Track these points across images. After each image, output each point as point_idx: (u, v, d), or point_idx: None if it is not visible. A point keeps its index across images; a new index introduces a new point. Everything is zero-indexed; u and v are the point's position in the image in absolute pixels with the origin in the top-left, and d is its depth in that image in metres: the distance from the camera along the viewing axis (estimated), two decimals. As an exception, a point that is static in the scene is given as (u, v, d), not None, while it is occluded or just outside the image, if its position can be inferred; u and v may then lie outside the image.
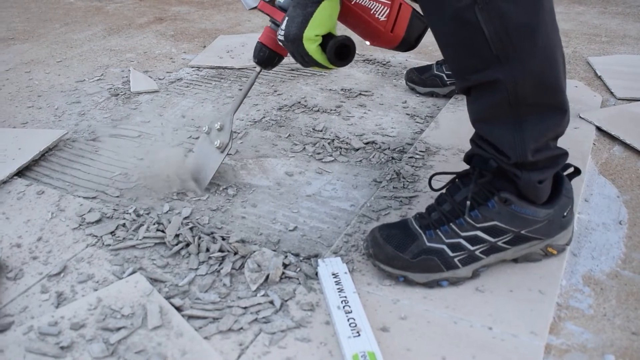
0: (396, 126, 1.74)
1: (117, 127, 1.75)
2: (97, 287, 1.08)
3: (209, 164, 1.39)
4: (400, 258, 1.06)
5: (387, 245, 1.07)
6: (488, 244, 1.07)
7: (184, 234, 1.20)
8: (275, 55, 1.28)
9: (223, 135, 1.38)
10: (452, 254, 1.06)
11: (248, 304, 1.03)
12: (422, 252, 1.06)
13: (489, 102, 0.98)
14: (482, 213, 1.05)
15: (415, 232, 1.08)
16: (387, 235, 1.08)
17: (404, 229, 1.09)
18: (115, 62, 2.30)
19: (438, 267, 1.06)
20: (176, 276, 1.11)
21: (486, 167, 1.06)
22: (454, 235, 1.06)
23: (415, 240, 1.07)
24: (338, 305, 1.01)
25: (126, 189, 1.40)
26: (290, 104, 1.88)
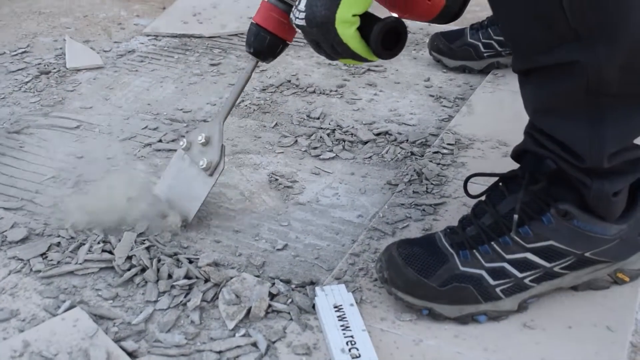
0: (416, 111, 1.74)
1: (48, 116, 1.75)
2: (23, 326, 1.08)
3: (192, 192, 1.33)
4: (425, 285, 1.06)
5: (408, 268, 1.07)
6: (541, 269, 1.07)
7: (138, 255, 1.20)
8: (279, 43, 1.25)
9: (210, 152, 1.31)
10: (493, 282, 1.06)
11: (224, 347, 1.03)
12: (453, 278, 1.06)
13: (560, 89, 0.98)
14: (534, 230, 1.05)
15: (444, 252, 1.08)
16: (407, 254, 1.08)
17: (429, 248, 1.09)
18: (45, 29, 2.29)
19: (474, 297, 1.06)
20: (128, 311, 1.11)
21: (540, 170, 1.06)
22: (496, 258, 1.06)
23: (445, 263, 1.07)
24: (342, 348, 1.01)
25: (61, 197, 1.40)
26: (277, 83, 1.89)
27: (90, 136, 1.65)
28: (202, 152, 1.32)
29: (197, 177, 1.32)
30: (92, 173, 1.49)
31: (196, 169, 1.32)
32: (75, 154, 1.57)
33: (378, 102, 1.79)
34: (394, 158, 1.53)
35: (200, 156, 1.32)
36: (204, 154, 1.32)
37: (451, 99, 1.81)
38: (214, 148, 1.31)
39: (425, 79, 1.92)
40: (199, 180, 1.32)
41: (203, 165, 1.30)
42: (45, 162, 1.54)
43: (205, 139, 1.32)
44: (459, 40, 1.94)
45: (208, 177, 1.31)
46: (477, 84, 1.88)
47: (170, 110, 1.76)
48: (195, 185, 1.32)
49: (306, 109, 1.75)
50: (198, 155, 1.33)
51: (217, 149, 1.31)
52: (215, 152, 1.30)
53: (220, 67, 2.01)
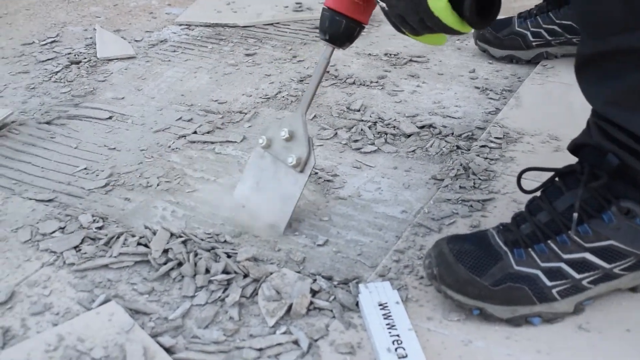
0: (462, 104, 1.73)
1: (79, 106, 1.76)
2: (57, 320, 1.09)
3: (282, 192, 1.30)
4: (477, 284, 1.05)
5: (459, 266, 1.06)
6: (600, 271, 1.05)
7: (174, 249, 1.21)
8: (355, 26, 1.22)
9: (297, 147, 1.28)
10: (550, 283, 1.05)
11: (264, 345, 1.03)
12: (507, 277, 1.05)
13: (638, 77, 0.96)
14: (594, 229, 1.04)
15: (498, 250, 1.07)
16: (459, 251, 1.07)
17: (482, 245, 1.08)
18: (75, 19, 2.32)
19: (528, 298, 1.05)
20: (165, 306, 1.11)
21: (601, 165, 1.05)
22: (553, 258, 1.05)
23: (499, 261, 1.06)
24: (388, 347, 1.00)
25: (94, 189, 1.41)
26: (315, 73, 1.88)
27: (123, 127, 1.66)
28: (288, 148, 1.30)
29: (285, 175, 1.30)
30: (125, 165, 1.50)
31: (283, 167, 1.30)
32: (107, 145, 1.58)
33: (421, 94, 1.79)
34: (439, 152, 1.52)
35: (286, 153, 1.29)
36: (289, 150, 1.29)
37: (498, 91, 1.79)
38: (301, 142, 1.28)
39: (470, 70, 1.91)
40: (288, 179, 1.30)
41: (292, 162, 1.27)
42: (77, 153, 1.56)
43: (289, 134, 1.29)
44: (506, 29, 1.92)
45: (299, 174, 1.28)
46: (524, 75, 1.86)
47: (205, 101, 1.77)
48: (285, 185, 1.30)
49: (346, 101, 1.75)
50: (283, 152, 1.30)
51: (304, 143, 1.27)
52: (302, 146, 1.28)
53: (256, 57, 2.01)
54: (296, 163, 1.27)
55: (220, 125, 1.64)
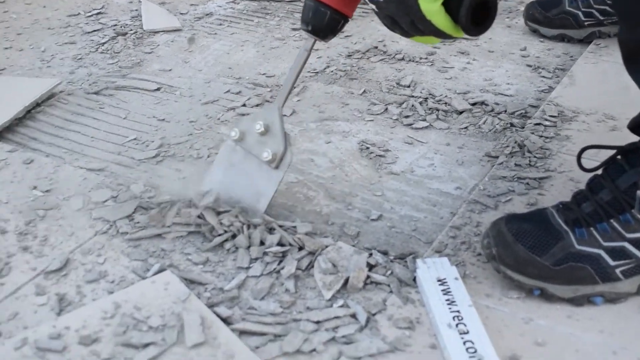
0: (513, 82, 1.71)
1: (127, 77, 1.76)
2: (112, 288, 1.09)
3: (255, 188, 1.24)
4: (538, 264, 1.03)
5: (519, 245, 1.04)
6: None
7: (227, 220, 1.20)
8: (339, 19, 1.16)
9: (272, 142, 1.22)
10: (613, 263, 1.03)
11: (322, 318, 1.02)
12: (568, 257, 1.03)
13: None
14: None
15: (558, 229, 1.05)
16: (518, 230, 1.05)
17: (542, 224, 1.06)
18: (120, -9, 2.32)
19: (591, 278, 1.03)
20: (220, 277, 1.11)
21: None
22: (616, 237, 1.03)
23: (560, 241, 1.04)
24: (449, 323, 0.99)
25: (145, 160, 1.41)
26: (363, 49, 1.87)
27: (171, 99, 1.65)
28: (262, 143, 1.24)
29: (258, 171, 1.24)
30: (175, 136, 1.49)
31: (256, 162, 1.24)
32: (156, 116, 1.58)
33: (471, 70, 1.76)
34: (492, 129, 1.50)
35: (260, 147, 1.23)
36: (264, 145, 1.23)
37: (550, 69, 1.76)
38: (276, 137, 1.22)
39: (522, 47, 1.88)
40: (262, 175, 1.24)
41: (268, 157, 1.22)
42: (126, 123, 1.55)
43: (264, 127, 1.23)
44: (556, 9, 1.89)
45: (274, 171, 1.23)
46: (577, 54, 1.83)
47: (253, 74, 1.76)
48: (258, 181, 1.24)
49: (395, 77, 1.73)
50: (256, 147, 1.24)
51: (280, 138, 1.22)
52: (278, 141, 1.22)
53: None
54: (272, 158, 1.22)
55: (269, 98, 1.63)
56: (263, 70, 1.78)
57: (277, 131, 1.22)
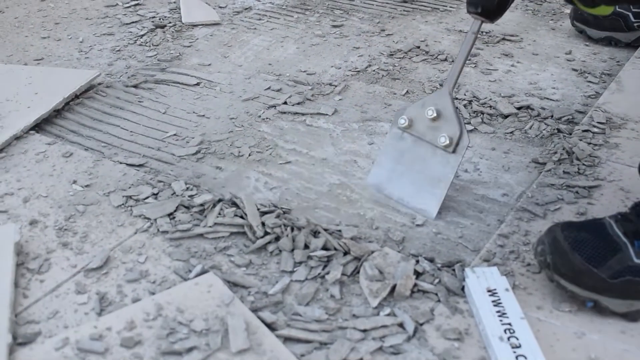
0: (559, 86, 1.67)
1: (166, 71, 1.74)
2: (153, 289, 1.07)
3: (432, 174, 1.24)
4: (594, 275, 1.00)
5: (575, 255, 1.01)
6: None
7: (271, 222, 1.18)
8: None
9: (447, 127, 1.22)
10: None
11: (368, 326, 1.00)
12: (626, 270, 1.00)
13: None
14: None
15: (616, 241, 1.02)
16: (575, 239, 1.03)
17: (600, 234, 1.03)
18: (158, -17, 2.30)
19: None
20: (263, 280, 1.09)
21: None
22: None
23: (618, 253, 1.01)
24: (500, 336, 0.96)
25: (185, 156, 1.39)
26: (405, 48, 1.84)
27: (211, 94, 1.63)
28: (435, 128, 1.24)
29: (433, 156, 1.24)
30: (215, 133, 1.47)
31: (430, 148, 1.24)
32: (196, 111, 1.56)
33: (516, 73, 1.73)
34: (539, 134, 1.47)
35: (434, 132, 1.24)
36: (438, 130, 1.23)
37: (597, 74, 1.73)
38: (451, 121, 1.22)
39: (567, 51, 1.84)
40: (437, 160, 1.24)
41: (445, 142, 1.22)
42: (166, 118, 1.54)
43: (435, 112, 1.23)
44: None
45: (451, 155, 1.22)
46: (624, 59, 1.80)
47: (293, 71, 1.74)
48: (434, 166, 1.24)
49: (438, 77, 1.70)
50: (430, 132, 1.24)
51: (455, 122, 1.22)
52: (454, 125, 1.22)
53: (343, 29, 1.97)
54: (449, 143, 1.22)
55: (310, 96, 1.61)
56: (304, 67, 1.76)
57: (451, 115, 1.23)
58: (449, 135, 1.22)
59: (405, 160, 1.28)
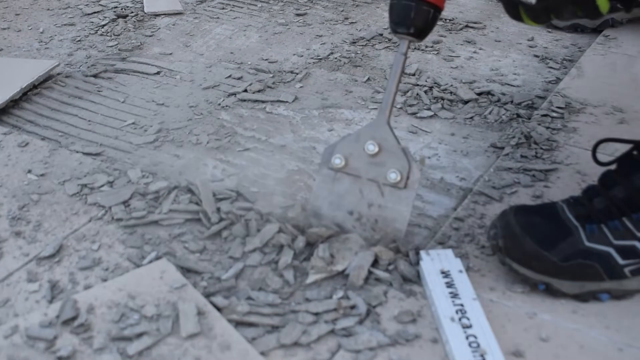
0: (520, 72, 1.68)
1: (126, 60, 1.73)
2: (106, 276, 1.06)
3: (383, 216, 1.12)
4: (545, 259, 1.01)
5: (527, 239, 1.02)
6: None
7: (226, 208, 1.18)
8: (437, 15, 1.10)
9: (394, 161, 1.11)
10: (622, 262, 1.01)
11: (321, 309, 1.00)
12: (577, 254, 1.01)
13: None
14: None
15: (568, 225, 1.03)
16: (527, 223, 1.03)
17: (551, 218, 1.04)
18: (121, -27, 2.29)
19: (598, 275, 1.01)
20: (217, 266, 1.09)
21: None
22: (627, 235, 1.01)
23: (569, 236, 1.02)
24: (452, 317, 0.97)
25: (143, 145, 1.38)
26: (368, 36, 1.84)
27: (171, 83, 1.63)
28: (378, 164, 1.12)
29: (379, 196, 1.12)
30: (174, 121, 1.47)
31: (374, 187, 1.12)
32: (155, 100, 1.55)
33: (478, 60, 1.74)
34: (498, 119, 1.48)
35: (377, 170, 1.12)
36: (382, 166, 1.12)
37: (558, 60, 1.74)
38: (396, 154, 1.11)
39: (529, 38, 1.85)
40: (387, 200, 1.12)
41: (397, 179, 1.11)
42: (125, 107, 1.53)
43: (376, 147, 1.12)
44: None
45: (402, 191, 1.11)
46: (585, 45, 1.81)
47: (255, 59, 1.73)
48: (385, 207, 1.12)
49: (400, 65, 1.70)
50: (373, 170, 1.12)
51: (401, 154, 1.11)
52: (400, 158, 1.11)
53: (307, 17, 1.97)
54: (398, 180, 1.11)
55: (271, 84, 1.61)
56: (265, 55, 1.76)
57: (394, 148, 1.12)
58: (398, 170, 1.11)
59: (345, 205, 1.14)
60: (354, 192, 1.14)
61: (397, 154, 1.11)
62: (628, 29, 1.85)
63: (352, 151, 1.13)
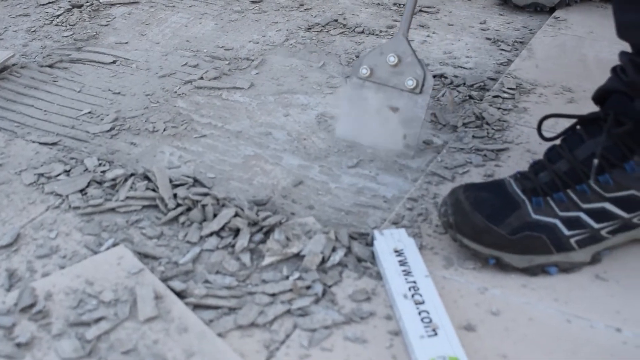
0: (473, 55, 1.70)
1: (82, 50, 1.72)
2: (64, 263, 1.07)
3: (402, 117, 1.32)
4: (494, 233, 1.03)
5: (476, 214, 1.04)
6: (619, 220, 1.04)
7: (182, 194, 1.18)
8: None
9: (411, 70, 1.31)
10: (568, 232, 1.03)
11: (277, 290, 1.01)
12: (525, 226, 1.03)
13: None
14: (615, 178, 1.02)
15: (515, 199, 1.05)
16: (475, 199, 1.05)
17: (499, 193, 1.06)
18: (75, -37, 2.27)
19: (546, 248, 1.03)
20: (174, 251, 1.09)
21: (626, 112, 1.02)
22: (572, 207, 1.03)
23: (516, 210, 1.04)
24: (405, 294, 0.99)
25: (99, 133, 1.38)
26: (323, 22, 1.85)
27: (127, 72, 1.63)
28: (398, 73, 1.32)
29: (399, 99, 1.32)
30: (130, 109, 1.47)
31: (396, 93, 1.32)
32: (112, 89, 1.55)
33: (431, 44, 1.75)
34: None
35: (398, 77, 1.32)
36: (402, 74, 1.31)
37: (509, 42, 1.76)
38: (413, 64, 1.31)
39: (481, 21, 1.87)
40: (406, 103, 1.32)
41: (413, 85, 1.30)
42: (81, 97, 1.53)
43: (397, 58, 1.31)
44: None
45: (418, 95, 1.31)
46: (536, 27, 1.83)
47: (211, 47, 1.74)
48: (404, 109, 1.32)
49: (355, 50, 1.71)
50: (394, 78, 1.32)
51: (418, 65, 1.30)
52: (417, 68, 1.30)
53: (262, 4, 1.97)
54: (415, 85, 1.30)
55: (227, 71, 1.61)
56: (221, 43, 1.76)
57: (412, 59, 1.31)
58: (414, 77, 1.30)
59: (371, 108, 1.34)
60: (379, 97, 1.34)
61: (415, 65, 1.31)
62: (577, 11, 1.88)
63: (377, 62, 1.33)
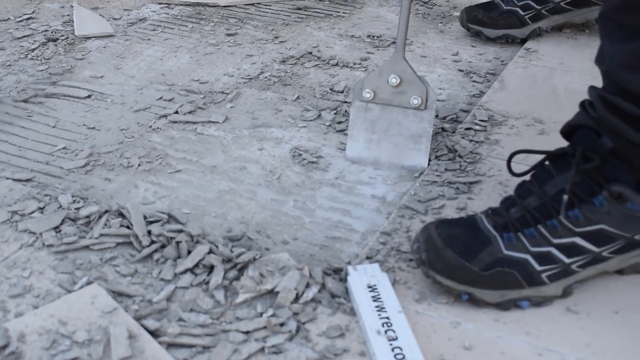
0: (446, 86, 1.72)
1: (57, 85, 1.72)
2: (37, 303, 1.06)
3: (410, 134, 1.38)
4: (466, 269, 1.04)
5: (448, 250, 1.04)
6: (590, 254, 1.05)
7: (157, 231, 1.18)
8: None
9: (414, 88, 1.37)
10: (539, 267, 1.04)
11: (251, 327, 1.01)
12: (496, 262, 1.04)
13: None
14: (584, 213, 1.03)
15: (487, 235, 1.06)
16: (447, 235, 1.06)
17: (471, 229, 1.07)
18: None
19: (518, 283, 1.04)
20: (148, 289, 1.09)
21: (594, 148, 1.04)
22: (542, 242, 1.04)
23: (488, 246, 1.05)
24: (378, 330, 0.99)
25: (74, 169, 1.38)
26: (297, 54, 1.86)
27: (102, 106, 1.63)
28: (402, 92, 1.37)
29: (407, 118, 1.38)
30: (105, 144, 1.47)
31: (401, 111, 1.38)
32: (86, 124, 1.55)
33: (404, 76, 1.77)
34: (424, 134, 1.51)
35: (402, 97, 1.37)
36: (405, 93, 1.37)
37: (482, 74, 1.78)
38: (415, 82, 1.37)
39: (454, 52, 1.89)
40: (411, 120, 1.38)
41: (418, 103, 1.36)
42: (55, 132, 1.52)
43: (399, 79, 1.36)
44: (496, 10, 1.92)
45: (424, 112, 1.37)
46: (508, 59, 1.86)
47: (186, 80, 1.74)
48: (411, 127, 1.38)
49: (329, 82, 1.73)
50: (398, 97, 1.38)
51: (419, 82, 1.37)
52: (419, 85, 1.36)
53: (237, 37, 1.98)
54: (419, 103, 1.36)
55: (202, 105, 1.62)
56: (197, 76, 1.76)
57: (413, 77, 1.37)
58: (418, 95, 1.36)
59: (378, 129, 1.40)
60: (385, 117, 1.40)
61: (416, 83, 1.37)
62: (547, 42, 1.91)
63: (378, 85, 1.39)
